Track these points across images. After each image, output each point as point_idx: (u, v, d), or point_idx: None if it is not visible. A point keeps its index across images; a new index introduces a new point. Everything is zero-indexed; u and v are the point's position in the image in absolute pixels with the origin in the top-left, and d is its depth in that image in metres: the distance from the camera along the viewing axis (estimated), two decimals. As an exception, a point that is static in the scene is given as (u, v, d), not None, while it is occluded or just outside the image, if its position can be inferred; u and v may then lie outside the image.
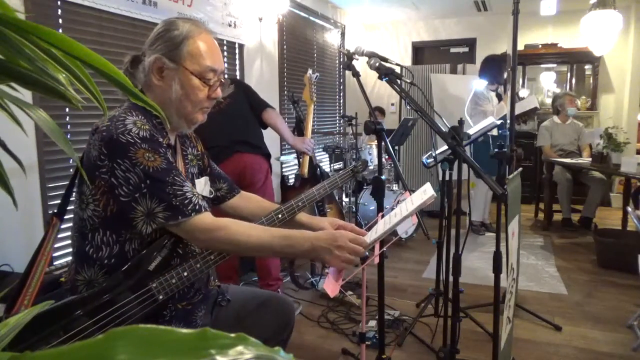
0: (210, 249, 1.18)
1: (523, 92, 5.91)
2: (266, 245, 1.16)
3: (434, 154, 2.42)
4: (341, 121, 5.80)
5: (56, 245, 2.34)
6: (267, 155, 2.86)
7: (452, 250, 2.03)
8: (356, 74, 1.66)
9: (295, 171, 4.52)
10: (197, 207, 1.13)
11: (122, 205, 1.11)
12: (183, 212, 1.11)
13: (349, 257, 1.14)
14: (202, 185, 1.38)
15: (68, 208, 1.20)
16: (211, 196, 1.42)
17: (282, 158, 4.27)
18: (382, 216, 1.23)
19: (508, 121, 2.77)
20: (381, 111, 5.97)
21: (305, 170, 2.91)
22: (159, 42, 1.20)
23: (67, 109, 2.41)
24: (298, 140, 2.91)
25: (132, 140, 1.09)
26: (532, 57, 5.89)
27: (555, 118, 4.83)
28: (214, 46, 1.25)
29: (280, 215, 1.35)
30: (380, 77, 1.59)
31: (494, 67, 4.28)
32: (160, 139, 1.16)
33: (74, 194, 1.21)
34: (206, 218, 1.14)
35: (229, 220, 1.19)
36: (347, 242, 1.14)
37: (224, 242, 1.15)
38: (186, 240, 1.18)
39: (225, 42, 3.67)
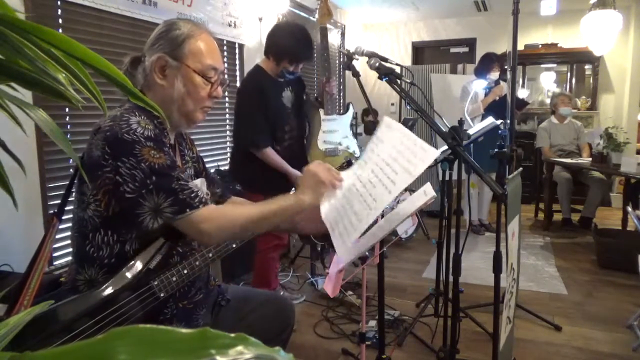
0: (212, 242, 1.19)
1: (522, 93, 5.90)
2: (265, 212, 1.19)
3: (434, 154, 2.41)
4: (341, 121, 5.79)
5: (56, 245, 2.33)
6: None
7: (452, 250, 2.03)
8: (356, 74, 1.66)
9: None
10: (203, 199, 1.15)
11: (127, 203, 1.11)
12: (191, 205, 1.12)
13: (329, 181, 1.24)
14: (199, 187, 1.38)
15: (67, 208, 1.21)
16: (208, 197, 1.43)
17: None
18: (383, 216, 1.23)
19: (508, 120, 2.76)
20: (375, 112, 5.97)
21: None
22: (161, 42, 1.22)
23: (67, 109, 2.40)
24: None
25: (137, 139, 1.10)
26: (532, 57, 5.88)
27: (553, 118, 4.83)
28: (214, 46, 1.28)
29: None
30: (380, 77, 1.58)
31: (482, 63, 4.35)
32: (164, 139, 1.18)
33: (73, 194, 1.21)
34: (210, 208, 1.16)
35: (222, 206, 1.31)
36: (324, 170, 1.24)
37: (227, 226, 1.16)
38: (190, 236, 1.18)
39: (225, 42, 3.66)
